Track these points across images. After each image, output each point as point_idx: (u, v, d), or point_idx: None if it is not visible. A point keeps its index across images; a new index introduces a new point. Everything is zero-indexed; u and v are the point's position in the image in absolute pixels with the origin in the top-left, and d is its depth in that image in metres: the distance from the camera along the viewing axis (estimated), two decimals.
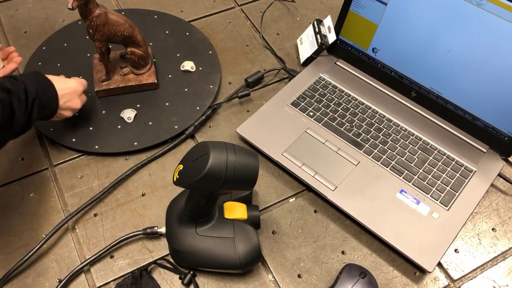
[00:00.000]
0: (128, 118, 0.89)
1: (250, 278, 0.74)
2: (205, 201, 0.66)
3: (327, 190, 0.80)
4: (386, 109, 0.91)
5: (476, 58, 0.80)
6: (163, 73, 0.96)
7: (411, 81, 0.90)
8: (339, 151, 0.84)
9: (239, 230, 0.70)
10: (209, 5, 1.12)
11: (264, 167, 0.85)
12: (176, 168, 0.65)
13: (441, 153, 0.85)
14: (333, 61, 0.98)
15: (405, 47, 0.88)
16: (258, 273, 0.74)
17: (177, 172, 0.64)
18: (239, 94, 0.94)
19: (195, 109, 0.91)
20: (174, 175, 0.65)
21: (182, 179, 0.63)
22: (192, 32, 1.04)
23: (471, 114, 0.86)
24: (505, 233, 0.80)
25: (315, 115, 0.89)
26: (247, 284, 0.73)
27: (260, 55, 1.03)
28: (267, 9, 1.11)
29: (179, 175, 0.64)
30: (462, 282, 0.75)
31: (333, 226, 0.79)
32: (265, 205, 0.81)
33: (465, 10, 0.78)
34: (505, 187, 0.85)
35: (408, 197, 0.79)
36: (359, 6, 0.90)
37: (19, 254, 0.74)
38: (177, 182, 0.64)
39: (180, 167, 0.64)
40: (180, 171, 0.64)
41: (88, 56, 0.98)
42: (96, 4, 0.80)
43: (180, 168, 0.64)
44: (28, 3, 1.11)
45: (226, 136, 0.89)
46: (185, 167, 0.64)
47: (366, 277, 0.71)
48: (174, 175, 0.65)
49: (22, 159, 0.85)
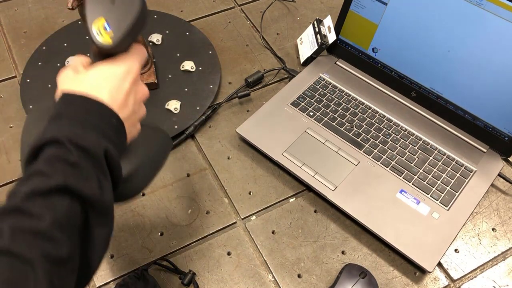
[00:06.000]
0: None
1: (250, 278, 0.74)
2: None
3: (327, 190, 0.80)
4: (386, 109, 0.91)
5: (476, 58, 0.80)
6: (163, 73, 0.96)
7: (411, 81, 0.90)
8: (339, 151, 0.84)
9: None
10: (209, 5, 1.12)
11: (264, 167, 0.85)
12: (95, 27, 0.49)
13: (441, 153, 0.85)
14: (333, 61, 0.98)
15: (405, 47, 0.88)
16: (258, 273, 0.74)
17: (101, 28, 0.49)
18: (239, 94, 0.94)
19: (195, 109, 0.91)
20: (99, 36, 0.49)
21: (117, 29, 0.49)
22: (192, 32, 1.04)
23: (471, 114, 0.86)
24: (505, 233, 0.80)
25: (315, 115, 0.89)
26: (247, 284, 0.73)
27: (260, 55, 1.03)
28: (267, 9, 1.11)
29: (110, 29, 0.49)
30: (462, 282, 0.75)
31: (333, 226, 0.79)
32: (265, 205, 0.81)
33: (465, 10, 0.78)
34: (505, 187, 0.85)
35: (408, 197, 0.79)
36: (359, 6, 0.90)
37: None
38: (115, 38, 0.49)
39: (99, 22, 0.49)
40: (106, 26, 0.49)
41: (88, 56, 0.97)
42: None
43: (102, 23, 0.49)
44: (28, 3, 1.11)
45: (226, 136, 0.89)
46: (108, 14, 0.49)
47: (366, 277, 0.71)
48: (102, 37, 0.49)
49: None
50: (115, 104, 0.48)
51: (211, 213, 0.80)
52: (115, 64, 0.50)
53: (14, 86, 0.95)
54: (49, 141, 0.43)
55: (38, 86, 0.93)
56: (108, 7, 0.50)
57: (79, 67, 0.50)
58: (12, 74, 0.98)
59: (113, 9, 0.50)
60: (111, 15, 0.50)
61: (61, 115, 0.45)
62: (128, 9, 0.51)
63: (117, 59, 0.50)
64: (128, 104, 0.50)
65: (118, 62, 0.50)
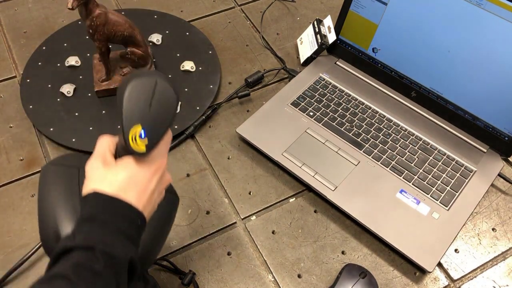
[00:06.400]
0: None
1: (250, 278, 0.74)
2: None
3: (327, 190, 0.80)
4: (386, 109, 0.91)
5: (476, 58, 0.80)
6: (163, 73, 0.96)
7: (411, 81, 0.90)
8: (339, 151, 0.84)
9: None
10: (209, 5, 1.12)
11: (264, 167, 0.85)
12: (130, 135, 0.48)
13: (441, 153, 0.85)
14: (333, 61, 0.98)
15: (405, 47, 0.88)
16: (258, 273, 0.74)
17: (137, 135, 0.48)
18: (239, 94, 0.94)
19: (195, 109, 0.91)
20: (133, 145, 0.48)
21: (153, 137, 0.49)
22: (192, 32, 1.04)
23: (471, 114, 0.86)
24: (505, 233, 0.80)
25: (315, 115, 0.89)
26: (247, 284, 0.73)
27: (260, 55, 1.03)
28: (267, 9, 1.11)
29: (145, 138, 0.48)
30: (462, 282, 0.75)
31: (333, 226, 0.79)
32: (265, 205, 0.81)
33: (465, 10, 0.78)
34: (505, 187, 0.85)
35: (408, 197, 0.79)
36: (359, 6, 0.90)
37: (19, 254, 0.74)
38: (150, 146, 0.49)
39: (136, 129, 0.48)
40: (142, 133, 0.48)
41: (88, 56, 0.98)
42: (96, 4, 0.80)
43: (139, 130, 0.48)
44: (28, 3, 1.11)
45: (226, 136, 0.89)
46: (146, 121, 0.48)
47: (366, 277, 0.71)
48: (136, 146, 0.48)
49: (22, 159, 0.85)
50: (140, 204, 0.50)
51: (211, 213, 0.80)
52: (145, 166, 0.51)
53: (14, 86, 0.95)
54: (81, 247, 0.45)
55: (38, 86, 0.93)
56: (145, 112, 0.48)
57: (107, 156, 0.51)
58: (12, 74, 0.98)
59: (149, 115, 0.48)
60: (148, 122, 0.48)
61: (94, 217, 0.47)
62: (165, 113, 0.50)
63: (147, 159, 0.51)
64: (152, 200, 0.52)
65: (147, 163, 0.51)
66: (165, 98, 0.49)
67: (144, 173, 0.50)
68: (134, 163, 0.50)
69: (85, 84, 0.93)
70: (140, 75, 0.49)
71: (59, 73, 0.95)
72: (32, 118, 0.89)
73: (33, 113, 0.89)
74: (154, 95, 0.49)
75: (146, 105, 0.48)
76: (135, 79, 0.49)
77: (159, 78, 0.49)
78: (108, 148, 0.52)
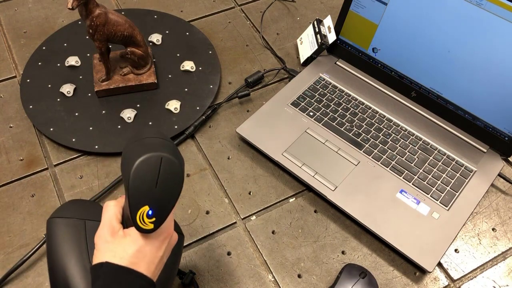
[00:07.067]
0: (128, 118, 0.89)
1: (250, 278, 0.74)
2: None
3: (327, 190, 0.80)
4: (386, 109, 0.91)
5: (476, 58, 0.80)
6: (163, 73, 0.96)
7: (411, 81, 0.90)
8: (339, 151, 0.84)
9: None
10: (209, 5, 1.12)
11: (264, 167, 0.85)
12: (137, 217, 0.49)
13: (441, 153, 0.85)
14: (333, 61, 0.98)
15: (405, 47, 0.88)
16: (258, 273, 0.74)
17: (144, 217, 0.49)
18: (239, 94, 0.94)
19: (195, 109, 0.91)
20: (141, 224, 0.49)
21: (160, 215, 0.49)
22: (192, 32, 1.04)
23: (471, 114, 0.86)
24: (505, 233, 0.80)
25: (315, 115, 0.89)
26: (247, 284, 0.73)
27: (260, 55, 1.03)
28: (267, 9, 1.11)
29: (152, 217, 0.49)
30: (462, 282, 0.75)
31: (333, 226, 0.79)
32: (265, 205, 0.81)
33: (465, 10, 0.78)
34: (505, 187, 0.85)
35: (408, 197, 0.79)
36: (359, 6, 0.90)
37: (19, 254, 0.74)
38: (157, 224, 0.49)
39: (144, 210, 0.48)
40: (149, 213, 0.49)
41: (88, 56, 0.98)
42: (96, 4, 0.80)
43: (146, 210, 0.48)
44: (28, 3, 1.11)
45: (226, 136, 0.89)
46: (153, 202, 0.49)
47: (366, 277, 0.71)
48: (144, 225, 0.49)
49: (22, 159, 0.85)
50: (150, 272, 0.51)
51: (211, 213, 0.80)
52: (153, 238, 0.51)
53: (14, 86, 0.95)
54: None
55: (38, 86, 0.93)
56: (152, 193, 0.48)
57: (115, 226, 0.52)
58: (12, 74, 0.98)
59: (156, 195, 0.48)
60: (155, 202, 0.49)
61: None
62: (172, 191, 0.49)
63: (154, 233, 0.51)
64: (161, 264, 0.53)
65: (156, 234, 0.52)
66: (171, 176, 0.49)
67: (153, 244, 0.51)
68: (142, 237, 0.51)
69: (85, 84, 0.93)
70: (146, 151, 0.48)
71: (59, 73, 0.95)
72: (32, 118, 0.89)
73: (33, 113, 0.89)
74: (160, 174, 0.48)
75: (152, 186, 0.48)
76: (142, 157, 0.48)
77: (165, 153, 0.48)
78: (115, 216, 0.53)
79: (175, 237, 0.56)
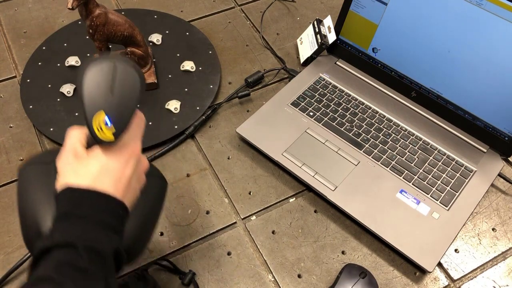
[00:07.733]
0: None
1: (250, 278, 0.74)
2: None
3: (327, 190, 0.80)
4: (386, 109, 0.91)
5: (476, 58, 0.80)
6: (163, 73, 0.96)
7: (411, 81, 0.90)
8: (339, 151, 0.84)
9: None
10: (209, 5, 1.12)
11: (264, 167, 0.85)
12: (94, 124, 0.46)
13: (441, 153, 0.85)
14: (333, 61, 0.98)
15: (405, 47, 0.88)
16: (258, 273, 0.74)
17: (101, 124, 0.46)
18: (239, 94, 0.94)
19: (195, 109, 0.91)
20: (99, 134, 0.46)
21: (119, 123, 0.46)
22: (192, 32, 1.04)
23: (471, 114, 0.86)
24: (505, 233, 0.80)
25: (315, 115, 0.89)
26: (247, 284, 0.73)
27: (260, 55, 1.03)
28: (267, 9, 1.11)
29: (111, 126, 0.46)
30: (462, 282, 0.75)
31: (333, 226, 0.79)
32: (265, 205, 0.81)
33: (465, 10, 0.78)
34: (505, 187, 0.85)
35: (408, 197, 0.79)
36: (359, 6, 0.90)
37: (19, 254, 0.74)
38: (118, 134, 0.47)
39: (99, 117, 0.46)
40: (107, 121, 0.46)
41: (88, 56, 0.98)
42: (96, 4, 0.80)
43: (103, 118, 0.46)
44: (28, 3, 1.11)
45: (226, 136, 0.89)
46: (108, 107, 0.46)
47: (366, 277, 0.71)
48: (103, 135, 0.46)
49: (22, 159, 0.85)
50: (118, 192, 0.48)
51: (211, 213, 0.80)
52: (116, 153, 0.49)
53: (14, 86, 0.95)
54: (60, 245, 0.43)
55: (38, 86, 0.93)
56: (107, 98, 0.46)
57: (78, 148, 0.49)
58: (12, 74, 0.98)
59: (112, 100, 0.46)
60: (112, 108, 0.46)
61: (71, 213, 0.45)
62: (129, 97, 0.47)
63: (118, 146, 0.49)
64: (130, 186, 0.50)
65: (119, 149, 0.49)
66: (127, 81, 0.47)
67: (117, 160, 0.48)
68: (104, 152, 0.48)
69: None
70: (97, 60, 0.47)
71: (59, 73, 0.95)
72: (32, 118, 0.89)
73: (33, 113, 0.89)
74: (115, 79, 0.46)
75: (107, 91, 0.46)
76: (92, 64, 0.46)
77: (118, 61, 0.47)
78: (78, 140, 0.49)
79: (145, 162, 0.52)
